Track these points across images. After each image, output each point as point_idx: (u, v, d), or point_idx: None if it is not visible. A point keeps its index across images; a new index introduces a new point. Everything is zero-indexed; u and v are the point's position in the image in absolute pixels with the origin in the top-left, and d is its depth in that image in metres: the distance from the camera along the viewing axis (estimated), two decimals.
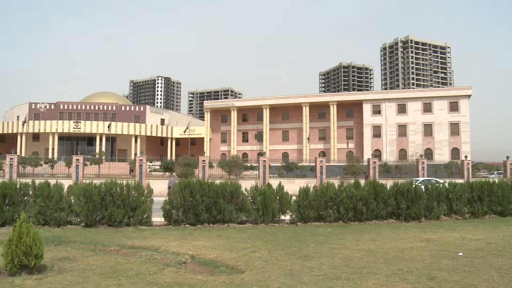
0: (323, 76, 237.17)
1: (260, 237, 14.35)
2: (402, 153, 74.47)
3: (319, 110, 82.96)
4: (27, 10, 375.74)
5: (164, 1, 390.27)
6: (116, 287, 7.89)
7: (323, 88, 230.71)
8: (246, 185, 19.63)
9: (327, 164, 47.82)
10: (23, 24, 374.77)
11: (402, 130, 76.77)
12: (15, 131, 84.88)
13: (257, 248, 11.98)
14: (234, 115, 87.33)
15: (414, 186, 19.34)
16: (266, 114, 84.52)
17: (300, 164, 55.99)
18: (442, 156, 71.95)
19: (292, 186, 30.30)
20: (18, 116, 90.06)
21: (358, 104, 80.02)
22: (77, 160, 41.47)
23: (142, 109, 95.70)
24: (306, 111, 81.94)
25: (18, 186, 16.90)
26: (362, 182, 19.50)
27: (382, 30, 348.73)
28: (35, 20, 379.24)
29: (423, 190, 19.57)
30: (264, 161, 43.00)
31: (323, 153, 78.95)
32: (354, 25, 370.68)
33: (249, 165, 53.40)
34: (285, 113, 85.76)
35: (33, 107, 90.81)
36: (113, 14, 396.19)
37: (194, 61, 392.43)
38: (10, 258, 8.43)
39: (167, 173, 49.36)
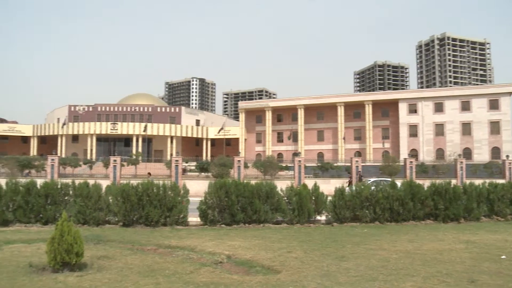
0: (357, 76, 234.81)
1: (295, 237, 14.32)
2: (440, 153, 73.12)
3: (354, 110, 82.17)
4: (65, 16, 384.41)
5: (198, 2, 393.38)
6: (154, 286, 8.00)
7: (358, 88, 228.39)
8: (281, 185, 19.59)
9: (363, 164, 47.36)
10: (62, 30, 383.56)
11: (439, 129, 75.36)
12: (55, 133, 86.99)
13: (293, 249, 11.95)
14: (269, 116, 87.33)
15: (453, 186, 18.96)
16: (301, 114, 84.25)
17: (335, 164, 55.55)
18: (481, 155, 70.26)
19: (328, 186, 30.09)
20: (58, 119, 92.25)
21: (394, 103, 78.90)
22: (115, 160, 42.16)
23: (177, 110, 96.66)
24: (341, 110, 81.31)
25: (59, 186, 17.28)
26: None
27: (418, 28, 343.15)
28: (73, 25, 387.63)
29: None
30: (299, 161, 42.83)
31: (359, 153, 78.14)
32: (389, 23, 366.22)
33: (284, 165, 53.30)
34: (320, 113, 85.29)
35: (72, 109, 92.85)
36: (148, 17, 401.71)
37: (228, 61, 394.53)
38: (53, 255, 8.68)
39: (203, 174, 49.70)
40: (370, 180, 35.18)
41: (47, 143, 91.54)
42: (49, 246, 8.79)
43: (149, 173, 35.51)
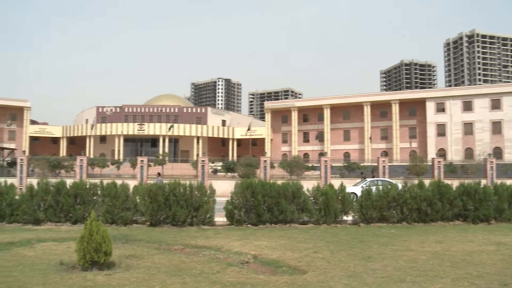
0: (384, 75, 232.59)
1: (322, 237, 14.26)
2: (469, 152, 71.83)
3: (381, 109, 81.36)
4: (93, 17, 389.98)
5: (223, 3, 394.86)
6: (181, 285, 8.06)
7: (384, 87, 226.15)
8: (307, 185, 19.56)
9: (390, 164, 46.91)
10: (90, 32, 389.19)
11: (468, 128, 74.04)
12: (84, 134, 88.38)
13: (319, 249, 11.91)
14: (294, 116, 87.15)
15: (483, 186, 18.63)
16: (327, 114, 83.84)
17: (362, 164, 55.20)
18: None
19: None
20: (86, 120, 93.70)
21: (421, 102, 77.84)
22: (142, 161, 42.62)
23: (203, 111, 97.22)
24: (367, 110, 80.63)
25: (88, 186, 17.56)
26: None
27: (445, 25, 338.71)
28: (101, 27, 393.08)
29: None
30: (326, 161, 42.68)
31: (385, 153, 77.28)
32: (416, 21, 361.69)
33: (310, 165, 53.16)
34: (346, 112, 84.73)
35: (100, 110, 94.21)
36: (174, 18, 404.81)
37: (254, 62, 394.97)
38: (82, 254, 8.84)
39: (229, 174, 49.87)
40: (367, 180, 34.85)
41: (76, 144, 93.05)
42: (78, 245, 8.95)
43: (159, 173, 35.79)
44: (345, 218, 18.27)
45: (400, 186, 19.11)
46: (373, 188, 18.84)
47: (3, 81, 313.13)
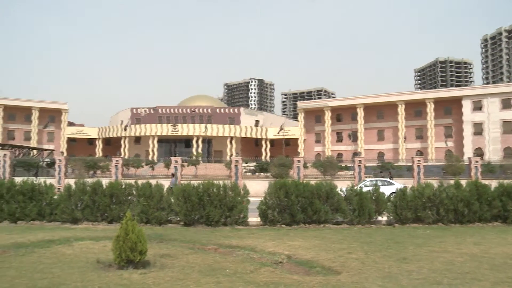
0: (418, 73, 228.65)
1: (356, 238, 14.13)
2: (508, 152, 70.15)
3: (415, 108, 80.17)
4: (126, 20, 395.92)
5: (256, 2, 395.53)
6: (215, 285, 8.10)
7: (418, 85, 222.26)
8: (341, 185, 19.41)
9: (425, 163, 46.10)
10: (124, 36, 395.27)
11: (507, 127, 72.18)
12: (119, 135, 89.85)
13: (354, 249, 11.80)
14: (328, 115, 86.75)
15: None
16: (360, 113, 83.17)
17: (396, 164, 54.53)
18: None
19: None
20: (121, 121, 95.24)
21: (457, 101, 76.36)
22: (176, 161, 43.04)
23: (236, 111, 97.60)
24: (401, 109, 79.58)
25: (123, 186, 17.85)
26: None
27: (482, 21, 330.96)
28: (134, 29, 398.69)
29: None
30: (359, 161, 42.32)
31: (420, 153, 76.11)
32: (451, 17, 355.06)
33: (344, 165, 52.78)
34: (379, 112, 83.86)
35: (134, 112, 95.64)
36: (207, 18, 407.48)
37: (286, 62, 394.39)
38: (118, 253, 8.99)
39: (262, 174, 49.92)
40: (366, 180, 34.35)
41: (111, 144, 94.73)
42: (114, 244, 9.10)
43: (173, 174, 36.05)
44: (379, 218, 18.05)
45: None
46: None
47: (42, 84, 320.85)
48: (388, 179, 35.40)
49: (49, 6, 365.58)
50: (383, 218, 18.12)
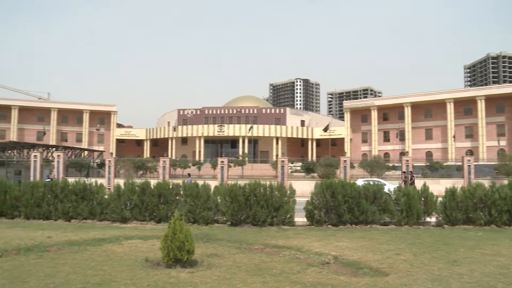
0: (468, 70, 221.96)
1: (404, 239, 13.87)
2: None
3: (465, 106, 77.93)
4: (171, 23, 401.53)
5: (300, 2, 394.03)
6: (262, 285, 8.12)
7: (468, 83, 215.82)
8: (388, 185, 19.11)
9: (475, 163, 44.93)
10: (170, 37, 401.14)
11: None
12: (166, 136, 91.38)
13: (402, 251, 11.58)
14: (374, 115, 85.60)
15: None
16: (407, 112, 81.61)
17: (445, 164, 53.29)
18: None
19: (437, 187, 28.97)
20: (168, 122, 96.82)
21: (510, 98, 73.85)
22: (222, 162, 43.45)
23: (282, 111, 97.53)
24: (450, 107, 77.56)
25: (170, 187, 18.14)
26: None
27: None
28: (178, 32, 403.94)
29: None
30: (407, 160, 41.69)
31: (470, 152, 73.91)
32: (502, 11, 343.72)
33: (391, 165, 52.01)
34: (427, 110, 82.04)
35: (181, 113, 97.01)
36: (251, 19, 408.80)
37: (332, 61, 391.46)
38: (166, 252, 9.14)
39: (309, 174, 49.76)
40: (358, 180, 33.52)
41: (159, 145, 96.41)
42: (162, 243, 9.26)
43: (189, 174, 36.22)
44: (428, 219, 17.64)
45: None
46: None
47: (92, 87, 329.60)
48: (380, 180, 34.56)
49: (100, 11, 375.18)
50: (432, 219, 17.69)
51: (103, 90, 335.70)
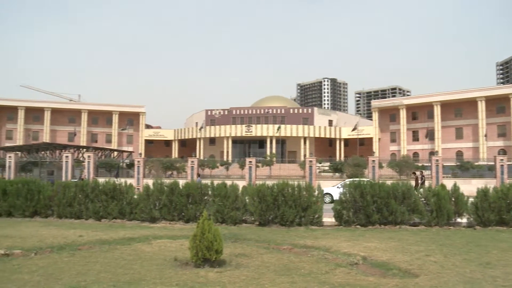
0: (500, 67, 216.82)
1: (434, 240, 13.67)
2: None
3: (497, 105, 76.27)
4: (202, 23, 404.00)
5: (327, 2, 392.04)
6: (290, 285, 8.10)
7: (501, 80, 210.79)
8: None
9: (509, 163, 43.96)
10: (197, 37, 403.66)
11: None
12: (194, 136, 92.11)
13: (432, 252, 11.41)
14: (403, 114, 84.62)
15: None
16: (437, 111, 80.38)
17: (476, 163, 52.36)
18: None
19: (468, 187, 28.45)
20: (196, 123, 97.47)
21: None
22: (250, 162, 43.52)
23: (309, 111, 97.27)
24: (481, 106, 76.06)
25: (199, 187, 18.27)
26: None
27: None
28: (206, 32, 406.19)
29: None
30: (437, 160, 41.05)
31: (503, 151, 72.28)
32: None
33: (421, 164, 51.41)
34: (457, 109, 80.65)
35: (209, 113, 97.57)
36: (278, 18, 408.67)
37: (359, 60, 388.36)
38: (195, 251, 9.21)
39: (337, 174, 49.50)
40: (342, 182, 32.93)
41: (187, 146, 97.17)
42: (191, 242, 9.33)
43: (198, 174, 36.21)
44: (459, 220, 17.33)
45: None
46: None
47: (121, 88, 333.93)
48: (370, 180, 33.99)
49: (128, 12, 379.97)
50: (463, 220, 17.36)
51: (132, 91, 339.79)
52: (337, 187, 29.87)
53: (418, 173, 34.94)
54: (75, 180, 32.30)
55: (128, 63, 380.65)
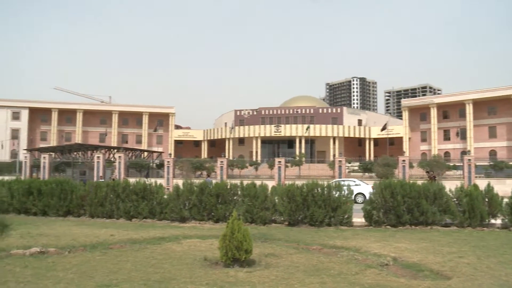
0: None
1: (467, 241, 13.42)
2: None
3: None
4: (227, 24, 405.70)
5: (355, 2, 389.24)
6: (319, 285, 8.07)
7: None
8: (449, 185, 18.57)
9: None
10: (226, 38, 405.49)
11: None
12: (223, 137, 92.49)
13: (464, 254, 11.20)
14: (433, 113, 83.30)
15: None
16: (469, 109, 78.81)
17: (510, 163, 51.26)
18: None
19: (502, 187, 27.95)
20: (225, 123, 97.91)
21: None
22: (279, 162, 43.59)
23: (339, 111, 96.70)
24: None
25: (228, 187, 18.37)
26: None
27: None
28: (235, 33, 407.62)
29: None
30: (469, 160, 40.42)
31: None
32: None
33: (452, 164, 50.65)
34: (491, 107, 78.90)
35: (238, 114, 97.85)
36: (307, 19, 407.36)
37: (389, 59, 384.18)
38: (225, 251, 9.27)
39: (367, 174, 49.14)
40: (333, 181, 32.15)
41: (216, 146, 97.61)
42: (221, 242, 9.39)
43: (208, 174, 36.22)
44: (493, 221, 16.98)
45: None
46: None
47: (150, 89, 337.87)
48: (355, 180, 33.47)
49: (157, 14, 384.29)
50: (497, 221, 17.00)
51: (161, 92, 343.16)
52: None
53: (431, 172, 34.66)
54: (102, 180, 32.84)
55: (157, 64, 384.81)
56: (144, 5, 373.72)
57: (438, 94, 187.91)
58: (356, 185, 31.34)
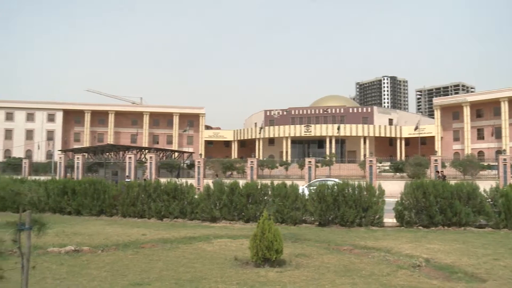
0: None
1: (503, 243, 13.12)
2: None
3: None
4: (260, 24, 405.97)
5: (385, 1, 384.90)
6: (350, 286, 8.03)
7: None
8: (483, 185, 18.20)
9: None
10: (256, 38, 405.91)
11: None
12: (253, 137, 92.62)
13: (501, 256, 10.94)
14: (466, 111, 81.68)
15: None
16: (504, 107, 76.97)
17: None
18: None
19: None
20: (255, 123, 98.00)
21: None
22: (309, 162, 43.42)
23: (369, 110, 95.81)
24: None
25: (259, 187, 18.43)
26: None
27: None
28: (265, 33, 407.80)
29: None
30: (504, 159, 39.47)
31: None
32: None
33: (486, 164, 49.55)
34: None
35: (267, 114, 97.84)
36: (337, 18, 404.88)
37: (420, 57, 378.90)
38: (255, 251, 9.29)
39: (398, 174, 48.58)
40: (315, 180, 31.31)
41: (246, 146, 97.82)
42: (251, 242, 9.43)
43: (217, 174, 36.03)
44: None
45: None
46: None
47: (181, 91, 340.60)
48: (335, 179, 32.79)
49: (183, 14, 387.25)
50: None
51: (192, 93, 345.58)
52: (306, 186, 29.44)
53: (440, 172, 34.04)
54: (129, 180, 33.22)
55: (188, 64, 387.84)
56: (176, 3, 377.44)
57: (471, 92, 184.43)
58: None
